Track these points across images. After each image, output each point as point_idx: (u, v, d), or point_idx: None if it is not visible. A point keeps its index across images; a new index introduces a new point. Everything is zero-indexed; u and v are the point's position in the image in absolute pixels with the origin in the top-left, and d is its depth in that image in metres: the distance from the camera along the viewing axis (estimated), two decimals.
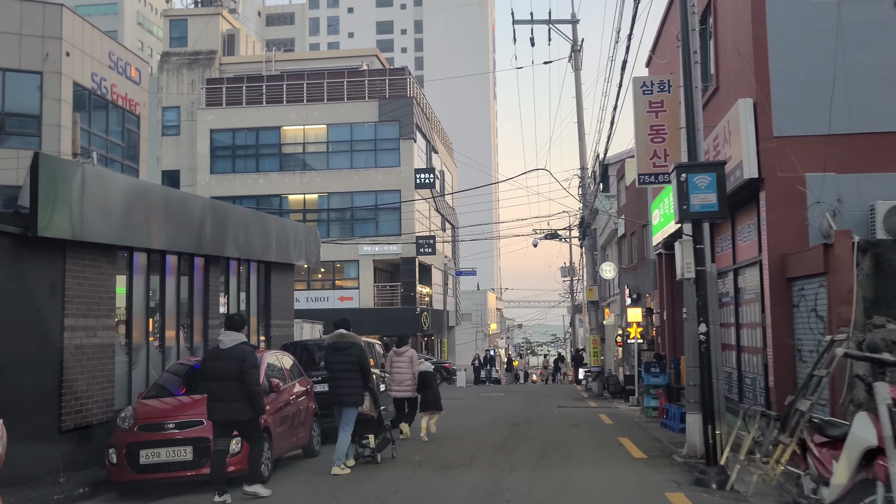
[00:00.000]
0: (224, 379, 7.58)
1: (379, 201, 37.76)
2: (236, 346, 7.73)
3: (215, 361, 7.75)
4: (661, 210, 17.34)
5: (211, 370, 7.75)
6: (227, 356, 7.69)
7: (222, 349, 7.77)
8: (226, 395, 7.56)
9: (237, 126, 38.68)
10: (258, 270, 14.22)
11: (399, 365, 12.56)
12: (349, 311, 37.21)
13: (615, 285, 36.21)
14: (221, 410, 7.60)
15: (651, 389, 17.42)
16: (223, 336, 7.88)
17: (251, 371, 7.67)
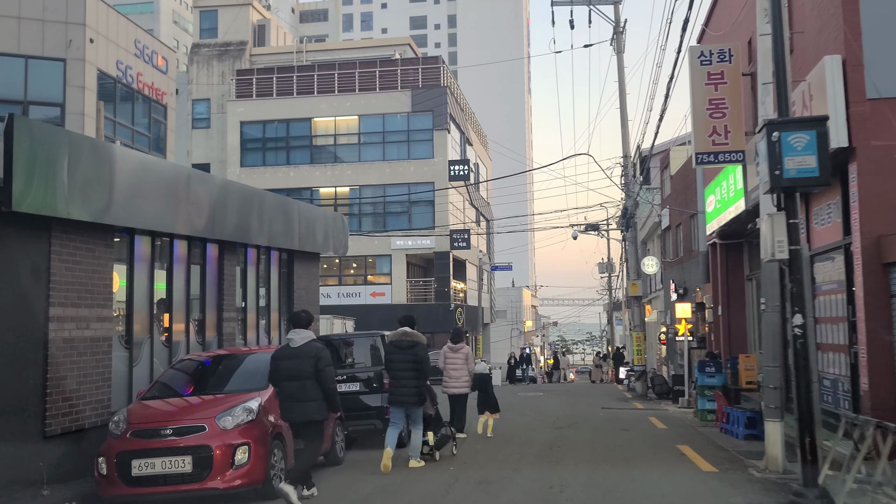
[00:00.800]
0: (299, 378, 7.40)
1: (412, 194, 36.62)
2: (308, 344, 7.56)
3: (288, 361, 7.51)
4: (718, 195, 15.90)
5: (284, 370, 7.50)
6: (301, 354, 7.49)
7: (294, 348, 7.56)
8: (302, 394, 7.38)
9: (267, 118, 37.82)
10: (279, 260, 13.12)
11: (454, 361, 12.29)
12: (381, 308, 36.26)
13: (657, 281, 34.66)
14: (298, 411, 7.41)
15: (706, 391, 16.01)
16: (293, 335, 7.67)
17: (327, 369, 7.48)
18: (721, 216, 15.68)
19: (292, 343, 7.65)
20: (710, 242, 18.25)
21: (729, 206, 14.71)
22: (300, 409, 7.41)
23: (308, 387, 7.39)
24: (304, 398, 7.39)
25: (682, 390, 21.11)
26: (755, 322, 16.99)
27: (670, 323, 30.27)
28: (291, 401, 7.44)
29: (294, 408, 7.44)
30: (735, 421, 12.84)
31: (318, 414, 7.45)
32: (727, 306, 17.41)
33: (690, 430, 13.77)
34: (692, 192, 24.55)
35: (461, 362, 12.24)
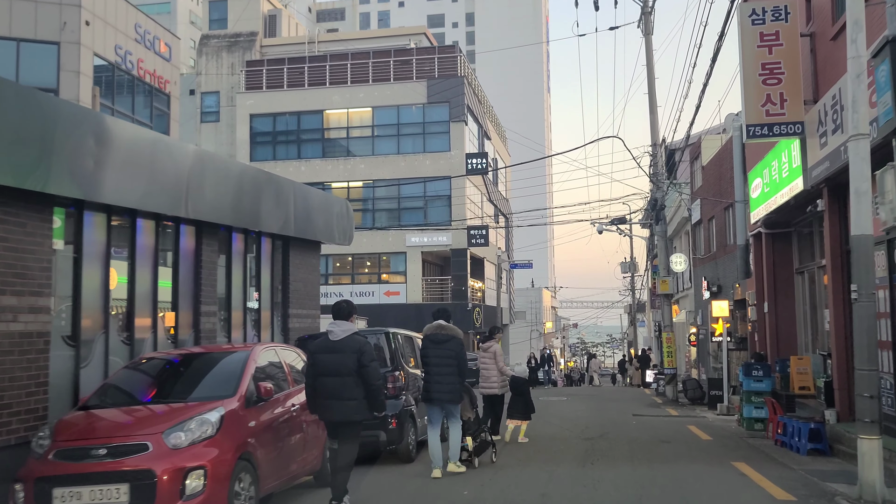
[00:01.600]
0: (340, 374, 6.86)
1: (428, 189, 35.05)
2: (350, 338, 6.98)
3: (328, 355, 6.96)
4: (767, 177, 14.17)
5: (323, 365, 6.94)
6: (342, 349, 6.92)
7: (334, 341, 6.97)
8: (342, 392, 6.84)
9: (278, 110, 36.42)
10: (272, 247, 11.56)
11: (484, 361, 12.03)
12: (396, 307, 34.77)
13: (685, 279, 32.86)
14: (338, 410, 6.87)
15: (753, 397, 14.28)
16: (333, 326, 7.06)
17: (372, 364, 6.93)
18: (769, 202, 13.95)
19: (332, 336, 7.02)
20: (753, 233, 16.51)
21: (781, 189, 12.99)
22: (340, 407, 6.84)
23: (349, 384, 6.84)
24: (344, 396, 6.82)
25: (720, 395, 19.42)
26: (807, 320, 15.24)
27: (702, 323, 28.50)
28: (331, 398, 6.87)
29: (333, 406, 6.86)
30: (794, 433, 11.13)
31: (359, 414, 6.91)
32: (774, 303, 15.66)
33: (740, 443, 12.06)
34: (727, 181, 22.80)
35: (489, 361, 11.91)
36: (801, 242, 15.50)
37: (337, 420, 6.94)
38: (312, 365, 7.06)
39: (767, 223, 15.41)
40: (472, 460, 9.26)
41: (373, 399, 6.95)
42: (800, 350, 15.36)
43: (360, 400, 6.89)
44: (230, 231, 10.26)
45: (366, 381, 6.88)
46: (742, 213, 20.85)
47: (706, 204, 26.53)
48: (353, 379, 6.87)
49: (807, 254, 15.35)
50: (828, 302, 13.88)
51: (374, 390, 6.95)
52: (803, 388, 13.91)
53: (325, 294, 36.35)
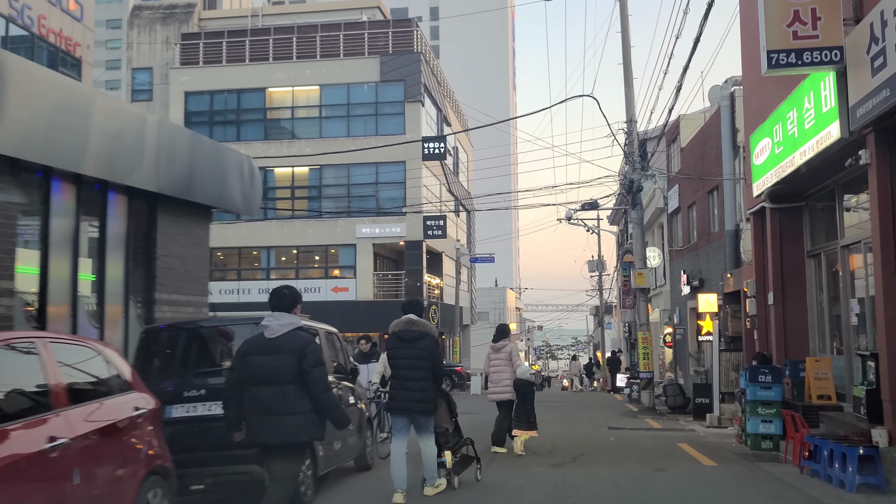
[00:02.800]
0: (277, 382, 5.23)
1: (381, 175, 31.97)
2: (290, 334, 5.35)
3: (262, 357, 5.30)
4: (779, 134, 11.36)
5: (256, 369, 5.30)
6: (280, 348, 5.30)
7: (270, 338, 5.34)
8: (281, 405, 5.20)
9: (216, 88, 33.09)
10: (127, 207, 8.40)
11: (496, 363, 10.88)
12: (344, 305, 31.63)
13: (659, 276, 30.23)
14: (274, 429, 5.19)
15: (760, 408, 11.48)
16: (270, 320, 5.45)
17: (316, 371, 5.29)
18: (783, 164, 11.14)
19: (268, 331, 5.49)
20: (754, 209, 13.73)
21: (803, 144, 10.17)
22: (277, 426, 5.27)
23: (290, 394, 5.33)
24: (282, 410, 5.29)
25: (708, 404, 16.70)
26: (822, 313, 12.49)
27: (679, 322, 25.83)
28: (266, 414, 5.31)
29: (268, 424, 5.29)
30: (830, 457, 8.29)
31: (304, 433, 5.38)
32: (781, 293, 12.88)
33: (756, 472, 9.20)
34: (711, 161, 20.13)
35: (503, 363, 10.77)
36: (815, 219, 12.76)
37: (273, 443, 5.32)
38: (239, 369, 5.44)
39: (774, 196, 12.63)
40: (451, 479, 7.72)
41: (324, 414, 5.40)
42: (812, 350, 12.61)
43: (305, 414, 5.32)
44: (48, 176, 7.10)
45: (309, 392, 5.33)
46: (731, 193, 18.19)
47: (686, 189, 23.87)
48: (294, 388, 5.32)
49: (821, 233, 12.61)
50: (855, 289, 11.16)
51: (322, 403, 5.38)
52: (822, 396, 11.16)
53: (267, 290, 33.13)
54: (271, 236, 32.13)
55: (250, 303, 30.59)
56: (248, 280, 32.57)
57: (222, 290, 32.19)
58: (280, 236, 32.11)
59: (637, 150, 21.59)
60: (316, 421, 5.41)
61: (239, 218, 32.57)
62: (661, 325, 29.98)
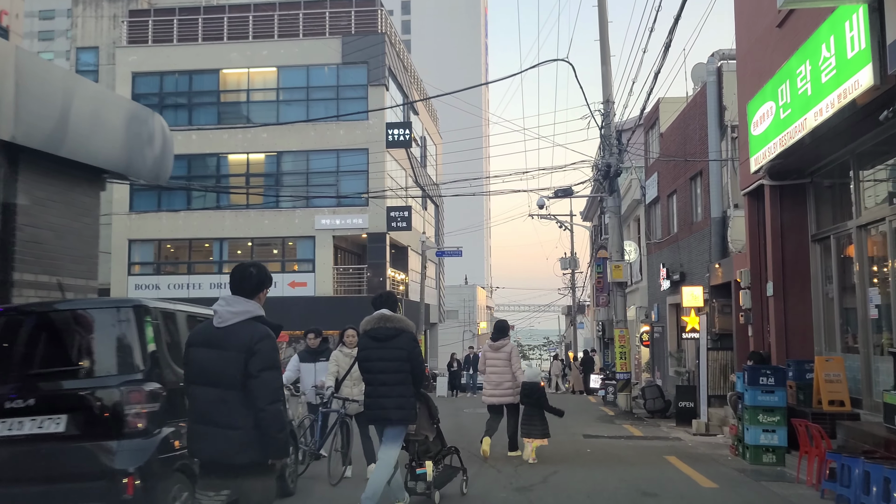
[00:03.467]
0: (218, 384, 3.95)
1: (342, 163, 30.05)
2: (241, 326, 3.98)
3: (205, 351, 4.02)
4: (785, 96, 9.70)
5: (196, 366, 4.05)
6: (225, 342, 3.96)
7: (218, 328, 4.01)
8: (220, 414, 3.94)
9: (166, 69, 30.92)
10: None
11: (495, 363, 10.32)
12: (302, 301, 29.65)
13: (635, 271, 28.66)
14: (208, 442, 3.96)
15: (762, 415, 9.87)
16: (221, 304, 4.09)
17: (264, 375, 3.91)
18: (789, 131, 9.47)
19: (216, 319, 4.03)
20: (750, 189, 12.10)
21: (820, 101, 8.50)
22: (212, 439, 3.91)
23: (232, 402, 3.91)
24: (221, 421, 3.91)
25: (692, 408, 15.17)
26: (829, 306, 10.89)
27: (657, 320, 24.27)
28: (200, 422, 3.97)
29: (203, 437, 3.95)
30: (866, 481, 6.61)
31: (243, 454, 3.89)
32: (782, 283, 11.25)
33: (767, 497, 7.50)
34: (695, 144, 18.56)
35: (502, 364, 10.23)
36: (821, 199, 11.16)
37: (207, 459, 4.03)
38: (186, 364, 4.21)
39: (774, 172, 11.00)
40: (430, 492, 6.83)
41: (264, 432, 3.94)
42: (818, 348, 10.99)
43: (247, 430, 3.95)
44: None
45: (254, 402, 3.93)
46: (717, 177, 16.59)
47: (665, 177, 22.30)
48: (236, 395, 3.96)
49: (828, 214, 11.02)
50: (875, 277, 9.54)
51: (264, 419, 3.94)
52: (834, 401, 9.54)
53: (220, 285, 31.05)
54: (224, 227, 30.07)
55: (201, 298, 28.44)
56: (199, 274, 30.47)
57: (171, 284, 30.10)
58: (234, 227, 30.05)
59: (615, 133, 19.96)
60: (260, 439, 3.99)
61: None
62: (637, 323, 28.43)
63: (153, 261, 30.86)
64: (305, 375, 9.90)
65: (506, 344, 10.41)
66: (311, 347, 10.09)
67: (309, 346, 10.15)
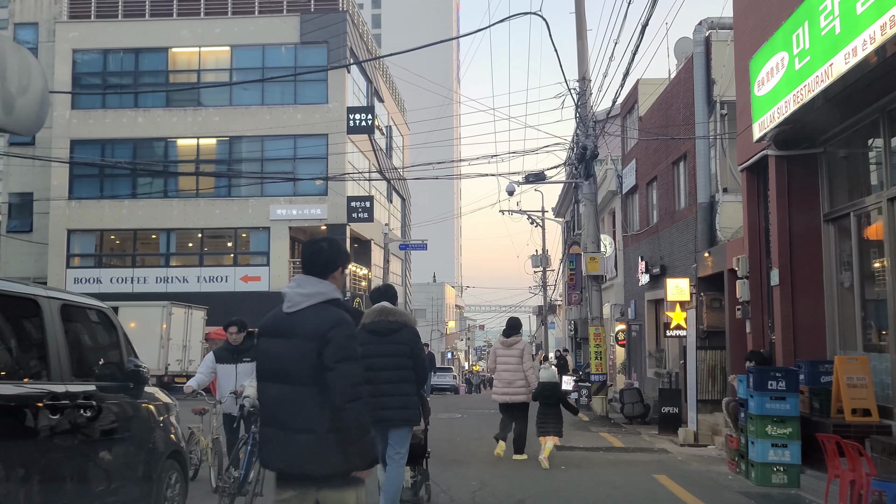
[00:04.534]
0: (287, 379, 3.39)
1: (299, 150, 28.15)
2: (314, 310, 3.43)
3: (275, 341, 3.47)
4: (801, 42, 8.03)
5: (265, 359, 3.52)
6: (296, 329, 3.41)
7: (287, 313, 3.48)
8: (292, 416, 3.37)
9: (110, 46, 28.80)
10: None
11: (507, 361, 9.89)
12: (255, 296, 27.52)
13: (610, 267, 27.07)
14: (278, 449, 3.40)
15: (772, 426, 8.23)
16: (291, 286, 3.58)
17: (343, 366, 3.35)
18: (807, 83, 7.81)
19: (287, 302, 3.49)
20: (752, 160, 10.45)
21: (849, 42, 6.84)
22: (282, 445, 3.37)
23: (301, 402, 3.34)
24: (292, 424, 3.34)
25: (676, 413, 13.58)
26: (845, 296, 9.26)
27: (635, 317, 22.68)
28: (271, 426, 3.45)
29: (275, 443, 3.39)
30: None
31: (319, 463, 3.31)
32: (790, 270, 9.61)
33: None
34: (679, 125, 16.96)
35: (515, 362, 9.88)
36: (836, 172, 9.55)
37: (277, 469, 3.42)
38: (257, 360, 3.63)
39: (782, 139, 9.37)
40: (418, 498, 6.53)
41: (344, 434, 3.27)
42: (830, 348, 9.37)
43: (321, 434, 3.29)
44: None
45: (332, 398, 3.28)
46: (705, 158, 14.97)
47: (645, 163, 20.70)
48: (309, 391, 3.32)
49: (844, 190, 9.40)
50: None
51: (344, 420, 3.28)
52: (857, 410, 7.92)
53: (167, 279, 28.97)
54: (172, 217, 27.97)
55: (147, 293, 26.45)
56: (144, 267, 28.35)
57: (114, 277, 27.97)
58: (182, 217, 27.97)
59: (591, 114, 18.31)
60: (338, 445, 3.34)
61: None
62: (612, 321, 26.85)
63: (94, 252, 28.69)
64: (223, 379, 7.97)
65: (518, 341, 10.14)
66: (233, 344, 8.10)
67: (229, 343, 8.18)
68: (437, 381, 41.54)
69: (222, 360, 7.97)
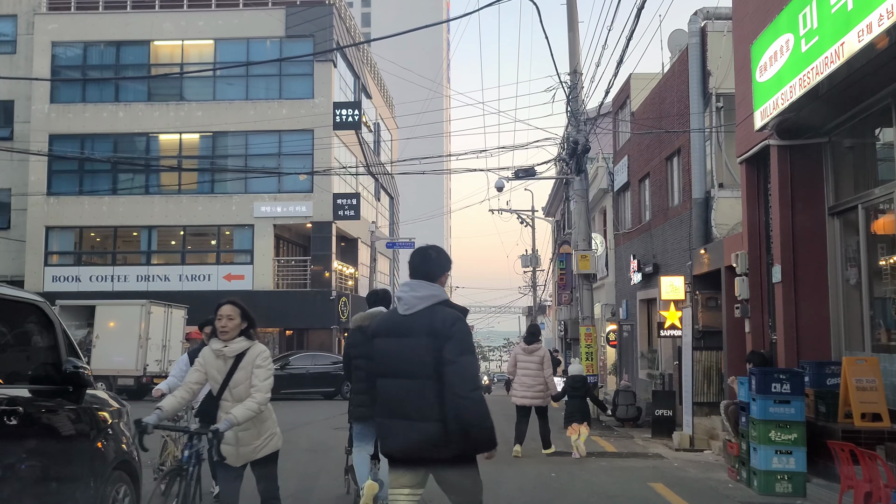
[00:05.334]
0: (411, 375, 3.73)
1: (284, 145, 27.54)
2: (430, 310, 3.79)
3: (392, 340, 3.83)
4: (809, 22, 7.53)
5: (384, 357, 3.85)
6: (414, 329, 3.76)
7: (405, 315, 3.83)
8: (414, 407, 3.71)
9: (90, 38, 28.14)
10: None
11: (528, 366, 10.48)
12: (238, 295, 26.78)
13: (601, 266, 26.59)
14: (402, 437, 3.73)
15: (775, 432, 7.74)
16: (405, 290, 3.91)
17: (464, 358, 3.68)
18: (815, 65, 7.33)
19: (402, 304, 3.85)
20: (752, 151, 9.95)
21: (866, 16, 6.34)
22: (409, 434, 3.69)
23: (426, 394, 3.67)
24: (416, 415, 3.68)
25: (670, 416, 13.13)
26: (850, 294, 8.78)
27: (626, 317, 22.20)
28: (393, 417, 3.75)
29: (399, 431, 3.73)
30: None
31: (444, 448, 3.64)
32: (793, 266, 9.12)
33: None
34: (673, 119, 16.50)
35: (535, 367, 10.43)
36: (842, 163, 9.06)
37: (401, 455, 3.75)
38: (369, 357, 4.11)
39: (784, 128, 8.89)
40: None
41: (463, 423, 3.58)
42: (835, 348, 8.88)
43: (446, 422, 3.64)
44: None
45: (451, 389, 3.60)
46: (700, 153, 14.50)
47: (637, 159, 20.23)
48: (432, 384, 3.67)
49: (849, 182, 8.92)
50: None
51: (467, 408, 3.60)
52: (867, 415, 7.44)
53: (148, 277, 28.28)
54: (154, 214, 27.31)
55: (127, 291, 25.78)
56: (125, 265, 27.66)
57: (94, 276, 27.27)
58: (164, 214, 27.31)
59: (583, 107, 17.80)
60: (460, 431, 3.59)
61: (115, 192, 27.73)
62: (602, 321, 26.36)
63: (73, 250, 27.98)
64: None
65: (539, 348, 10.66)
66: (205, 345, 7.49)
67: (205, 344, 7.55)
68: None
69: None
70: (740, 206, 13.55)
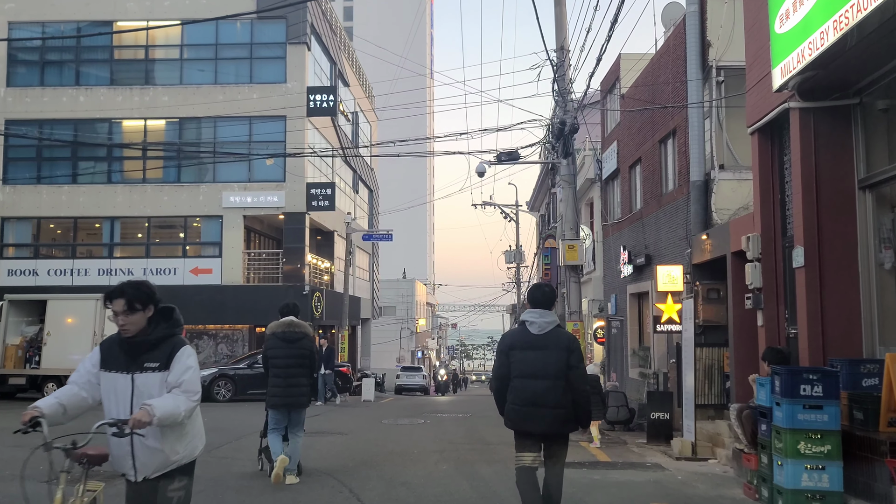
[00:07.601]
0: (545, 376, 5.43)
1: (255, 132, 26.08)
2: (555, 332, 5.56)
3: (530, 353, 5.48)
4: None
5: (523, 363, 5.48)
6: (547, 344, 5.47)
7: (536, 335, 5.50)
8: (551, 398, 5.41)
9: (49, 18, 26.50)
10: None
11: None
12: (207, 290, 25.38)
13: (588, 260, 25.36)
14: (540, 419, 5.41)
15: (806, 443, 6.47)
16: (532, 316, 5.55)
17: (581, 364, 5.59)
18: (850, 6, 6.05)
19: (533, 328, 5.50)
20: (769, 117, 8.68)
21: None
22: (548, 417, 5.38)
23: (558, 389, 5.39)
24: (550, 403, 5.38)
25: (667, 419, 11.92)
26: (887, 281, 7.53)
27: (615, 312, 20.96)
28: (535, 405, 5.40)
29: (539, 415, 5.39)
30: None
31: (569, 426, 5.51)
32: (817, 249, 7.86)
33: None
34: (667, 99, 15.25)
35: None
36: (875, 129, 7.80)
37: (542, 432, 5.48)
38: (504, 365, 5.59)
39: (807, 88, 7.61)
40: None
41: (580, 409, 5.50)
42: (867, 343, 7.62)
43: (568, 409, 5.46)
44: None
45: (574, 386, 5.42)
46: (698, 131, 13.24)
47: (628, 144, 18.99)
48: (561, 383, 5.42)
49: (883, 151, 7.68)
50: None
51: (583, 397, 5.53)
52: None
53: (110, 271, 26.74)
54: (116, 204, 25.77)
55: (88, 286, 24.15)
56: (86, 258, 26.10)
57: (53, 269, 25.68)
58: (128, 204, 25.79)
59: (569, 85, 16.51)
60: (574, 414, 5.46)
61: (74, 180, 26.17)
62: (590, 317, 25.14)
63: (31, 242, 26.38)
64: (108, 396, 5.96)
65: None
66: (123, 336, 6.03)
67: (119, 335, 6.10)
68: (406, 382, 39.66)
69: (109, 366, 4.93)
70: (742, 189, 12.35)
